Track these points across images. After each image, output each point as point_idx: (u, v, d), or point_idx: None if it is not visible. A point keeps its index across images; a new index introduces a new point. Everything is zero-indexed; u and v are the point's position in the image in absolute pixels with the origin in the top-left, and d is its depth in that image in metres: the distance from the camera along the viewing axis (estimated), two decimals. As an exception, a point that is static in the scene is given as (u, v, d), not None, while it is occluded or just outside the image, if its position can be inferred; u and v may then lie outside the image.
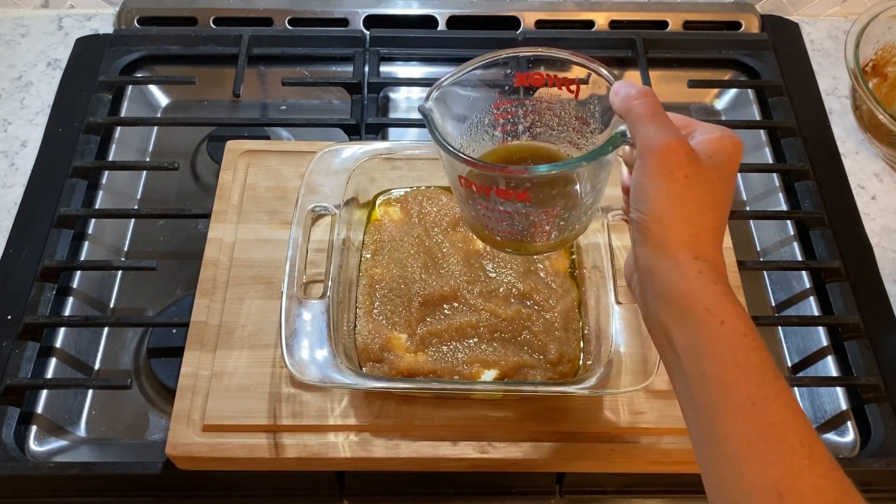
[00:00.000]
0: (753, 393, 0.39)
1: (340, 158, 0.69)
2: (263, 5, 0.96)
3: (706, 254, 0.43)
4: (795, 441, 0.38)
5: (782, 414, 0.38)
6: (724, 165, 0.44)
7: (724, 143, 0.45)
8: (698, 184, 0.43)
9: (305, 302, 0.61)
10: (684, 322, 0.42)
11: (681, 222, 0.43)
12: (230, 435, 0.61)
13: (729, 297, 0.42)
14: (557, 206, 0.50)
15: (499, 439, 0.62)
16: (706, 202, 0.43)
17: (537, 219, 0.51)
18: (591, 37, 0.96)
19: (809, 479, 0.37)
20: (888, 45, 0.89)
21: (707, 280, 0.42)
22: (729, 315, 0.41)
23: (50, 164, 0.82)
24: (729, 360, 0.40)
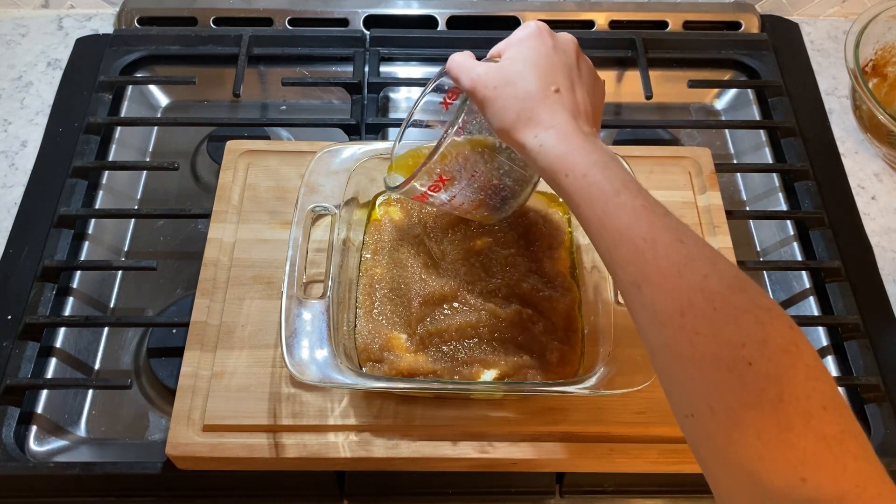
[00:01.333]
0: (601, 217, 0.46)
1: (340, 158, 0.69)
2: (263, 5, 0.96)
3: (541, 125, 0.50)
4: (639, 240, 0.44)
5: (625, 222, 0.45)
6: (522, 51, 0.52)
7: (514, 38, 0.54)
8: (506, 83, 0.51)
9: (305, 302, 0.61)
10: (550, 183, 0.51)
11: (511, 115, 0.51)
12: (230, 435, 0.61)
13: (569, 150, 0.48)
14: (478, 169, 0.58)
15: (499, 439, 0.62)
16: (521, 88, 0.51)
17: (477, 182, 0.59)
18: (591, 37, 0.96)
19: (655, 265, 0.43)
20: (888, 45, 0.89)
21: (548, 147, 0.49)
22: (569, 166, 0.48)
23: (50, 164, 0.82)
24: (577, 199, 0.48)
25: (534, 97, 0.50)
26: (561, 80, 0.51)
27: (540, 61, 0.52)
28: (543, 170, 0.50)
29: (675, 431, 0.61)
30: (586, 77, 0.54)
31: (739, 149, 0.93)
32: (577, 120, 0.50)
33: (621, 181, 0.47)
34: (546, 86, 0.51)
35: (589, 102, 0.53)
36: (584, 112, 0.52)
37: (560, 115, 0.50)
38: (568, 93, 0.51)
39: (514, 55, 0.52)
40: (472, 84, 0.53)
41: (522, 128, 0.50)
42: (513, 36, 0.54)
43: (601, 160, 0.48)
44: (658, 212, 0.45)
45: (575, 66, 0.53)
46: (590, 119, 0.52)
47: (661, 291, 0.43)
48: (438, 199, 0.60)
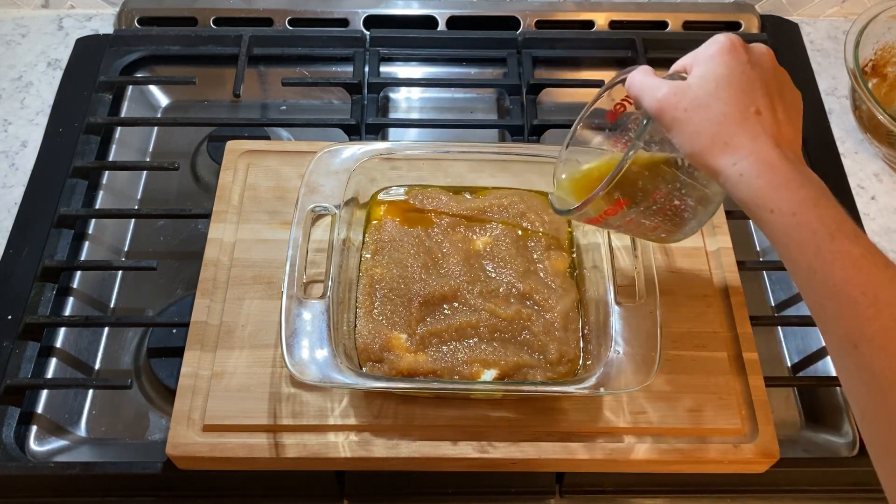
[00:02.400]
0: (812, 263, 0.43)
1: (340, 158, 0.69)
2: (263, 5, 0.96)
3: (740, 153, 0.46)
4: (857, 294, 0.41)
5: (841, 274, 0.42)
6: (714, 69, 0.48)
7: (702, 53, 0.49)
8: (698, 106, 0.47)
9: (305, 302, 0.61)
10: (750, 215, 0.47)
11: (705, 140, 0.47)
12: (230, 435, 0.61)
13: (774, 182, 0.45)
14: (659, 190, 0.54)
15: (499, 439, 0.62)
16: (716, 111, 0.47)
17: (657, 204, 0.55)
18: (591, 37, 0.96)
19: (876, 324, 0.40)
20: (888, 45, 0.89)
21: (749, 177, 0.45)
22: (775, 202, 0.44)
23: (50, 164, 0.82)
24: (785, 241, 0.44)
25: (731, 120, 0.46)
26: (760, 99, 0.47)
27: (735, 79, 0.47)
28: (743, 201, 0.46)
29: (675, 431, 0.62)
30: (786, 93, 0.49)
31: (739, 149, 0.93)
32: (781, 144, 0.46)
33: (836, 223, 0.43)
34: (744, 107, 0.46)
35: (790, 121, 0.48)
36: (785, 134, 0.47)
37: (762, 140, 0.46)
38: (769, 114, 0.47)
39: (705, 73, 0.48)
40: (659, 106, 0.48)
41: (718, 153, 0.46)
42: (701, 51, 0.50)
43: (811, 196, 0.44)
44: (879, 262, 0.42)
45: (773, 81, 0.49)
46: (793, 142, 0.48)
47: (884, 354, 0.39)
48: (614, 222, 0.57)
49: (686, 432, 0.62)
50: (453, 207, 0.71)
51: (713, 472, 0.63)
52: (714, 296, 0.69)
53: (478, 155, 0.71)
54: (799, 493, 0.67)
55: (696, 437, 0.62)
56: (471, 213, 0.71)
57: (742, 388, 0.64)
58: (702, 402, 0.63)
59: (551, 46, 0.94)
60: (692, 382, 0.64)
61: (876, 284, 0.41)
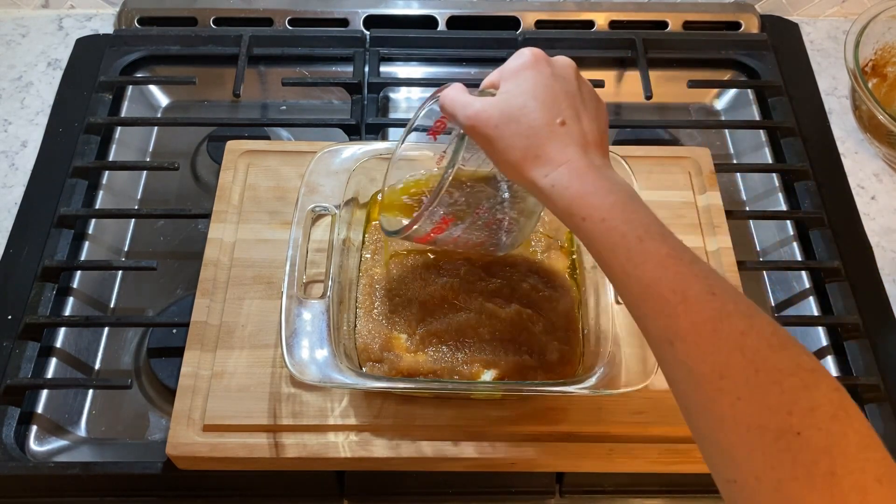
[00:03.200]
0: (624, 265, 0.44)
1: (340, 158, 0.69)
2: (263, 5, 0.96)
3: (551, 164, 0.47)
4: (668, 292, 0.42)
5: (651, 274, 0.43)
6: (519, 84, 0.49)
7: (507, 69, 0.51)
8: (508, 121, 0.48)
9: (305, 302, 0.61)
10: (566, 224, 0.48)
11: (517, 153, 0.48)
12: (230, 435, 0.61)
13: (583, 191, 0.46)
14: (481, 205, 0.55)
15: (499, 439, 0.62)
16: (525, 124, 0.48)
17: (481, 220, 0.56)
18: (591, 37, 0.96)
19: (687, 320, 0.41)
20: (888, 45, 0.89)
21: (560, 188, 0.47)
22: (586, 209, 0.46)
23: (50, 164, 0.82)
24: (598, 246, 0.45)
25: (539, 133, 0.47)
26: (565, 110, 0.48)
27: (540, 93, 0.49)
28: (558, 211, 0.47)
29: (675, 431, 0.62)
30: (589, 102, 0.51)
31: (739, 149, 0.93)
32: (588, 152, 0.48)
33: (644, 225, 0.45)
34: (551, 119, 0.48)
35: (595, 129, 0.50)
36: (592, 141, 0.49)
37: (569, 149, 0.47)
38: (574, 123, 0.48)
39: (512, 88, 0.49)
40: (471, 122, 0.49)
41: (531, 166, 0.47)
42: (507, 66, 0.51)
43: (620, 200, 0.45)
44: (686, 259, 0.43)
45: (577, 92, 0.50)
46: (599, 147, 0.49)
47: (697, 350, 0.40)
48: (441, 240, 0.58)
49: (686, 432, 0.61)
50: (453, 207, 0.71)
51: (713, 472, 0.63)
52: (714, 296, 0.69)
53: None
54: (799, 493, 0.67)
55: (696, 437, 0.62)
56: (471, 213, 0.71)
57: (742, 388, 0.64)
58: (702, 402, 0.63)
59: (551, 46, 0.94)
60: (692, 382, 0.64)
61: (684, 282, 0.42)
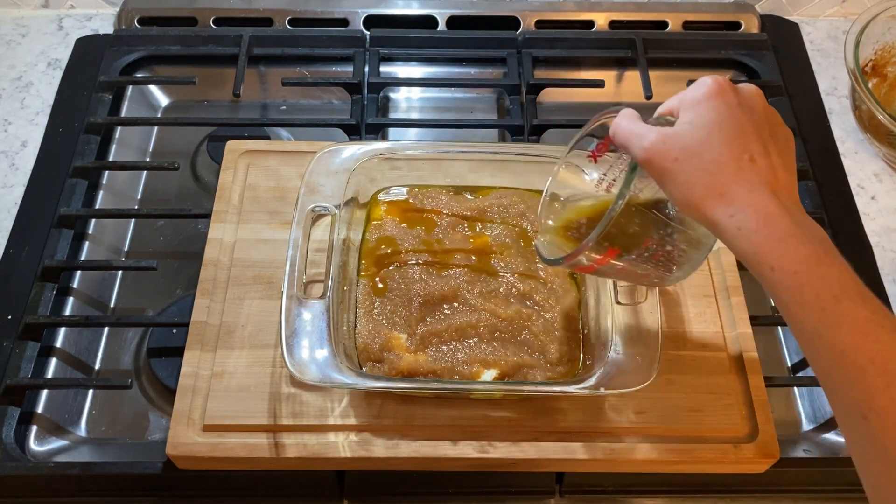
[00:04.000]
0: (817, 326, 0.41)
1: (340, 158, 0.69)
2: (263, 5, 0.96)
3: (737, 204, 0.44)
4: (866, 362, 0.39)
5: (848, 340, 0.40)
6: (703, 115, 0.46)
7: (689, 97, 0.47)
8: (689, 155, 0.45)
9: (305, 302, 0.61)
10: (750, 269, 0.45)
11: (698, 190, 0.45)
12: (230, 435, 0.61)
13: (774, 237, 0.43)
14: (650, 237, 0.52)
15: (499, 439, 0.62)
16: (709, 159, 0.44)
17: (649, 251, 0.53)
18: (591, 37, 0.96)
19: (887, 395, 0.38)
20: (888, 45, 0.89)
21: (747, 231, 0.43)
22: (776, 259, 0.42)
23: (50, 164, 0.82)
24: (787, 300, 0.42)
25: (725, 169, 0.44)
26: (753, 144, 0.45)
27: (725, 125, 0.45)
28: (742, 255, 0.44)
29: (675, 431, 0.62)
30: (779, 134, 0.47)
31: (739, 149, 0.93)
32: (778, 194, 0.44)
33: (840, 282, 0.41)
34: (738, 154, 0.44)
35: (787, 165, 0.46)
36: (782, 180, 0.45)
37: (758, 189, 0.44)
38: (763, 159, 0.45)
39: (694, 119, 0.46)
40: (647, 156, 0.46)
41: (713, 204, 0.44)
42: (687, 94, 0.47)
43: (814, 253, 0.42)
44: (888, 325, 0.40)
45: (765, 123, 0.46)
46: (790, 187, 0.46)
47: (894, 428, 0.38)
48: (606, 270, 0.55)
49: (686, 432, 0.62)
50: (453, 207, 0.71)
51: (713, 472, 0.63)
52: (714, 296, 0.69)
53: (478, 155, 0.71)
54: (799, 493, 0.67)
55: (696, 437, 0.62)
56: (471, 212, 0.71)
57: (742, 388, 0.64)
58: (702, 402, 0.63)
59: (551, 46, 0.94)
60: (692, 382, 0.64)
61: (885, 352, 0.39)
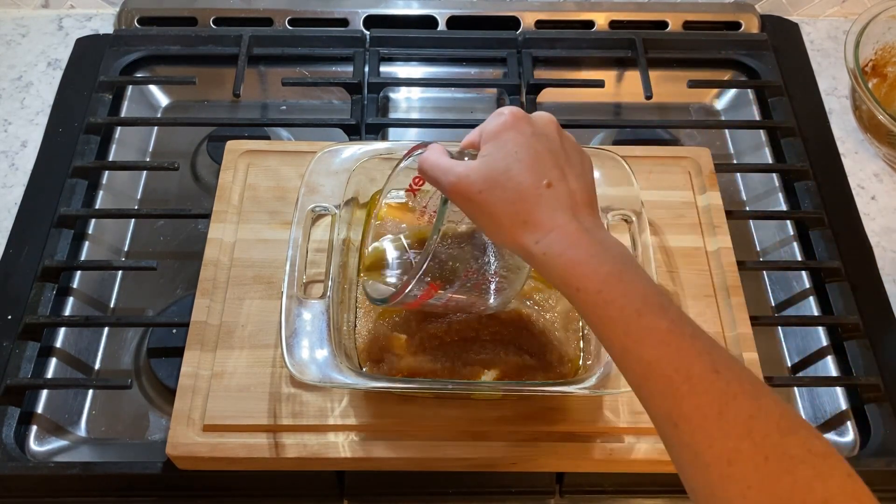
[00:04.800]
0: (624, 342, 0.42)
1: (340, 158, 0.69)
2: (263, 5, 0.96)
3: (541, 230, 0.45)
4: (670, 372, 0.40)
5: (652, 352, 0.41)
6: (501, 146, 0.47)
7: (487, 130, 0.49)
8: (492, 186, 0.46)
9: (305, 302, 0.61)
10: (561, 292, 0.46)
11: (504, 219, 0.46)
12: (230, 435, 0.61)
13: (576, 259, 0.44)
14: (469, 268, 0.54)
15: (499, 439, 0.62)
16: (510, 189, 0.46)
17: (470, 281, 0.54)
18: (591, 37, 0.96)
19: (691, 401, 0.40)
20: (888, 45, 0.89)
21: (552, 255, 0.45)
22: (580, 279, 0.44)
23: (50, 164, 0.82)
24: (595, 319, 0.44)
25: (526, 197, 0.46)
26: (550, 170, 0.47)
27: (523, 154, 0.47)
28: (552, 280, 0.45)
29: (675, 431, 0.62)
30: (574, 157, 0.49)
31: (739, 149, 0.93)
32: (578, 214, 0.46)
33: (641, 296, 0.43)
34: (537, 181, 0.46)
35: (583, 186, 0.48)
36: (581, 201, 0.47)
37: (558, 214, 0.45)
38: (561, 183, 0.46)
39: (494, 151, 0.47)
40: (454, 188, 0.48)
41: (520, 233, 0.46)
42: (486, 126, 0.49)
43: (615, 269, 0.44)
44: (687, 332, 0.42)
45: (560, 149, 0.48)
46: (588, 206, 0.48)
47: (703, 433, 0.39)
48: (430, 305, 0.56)
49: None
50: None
51: (713, 472, 0.63)
52: (714, 296, 0.69)
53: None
54: (799, 493, 0.67)
55: (696, 437, 0.62)
56: (471, 213, 0.71)
57: (742, 388, 0.64)
58: (702, 402, 0.63)
59: (551, 46, 0.94)
60: (692, 382, 0.64)
61: (686, 360, 0.40)
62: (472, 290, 0.55)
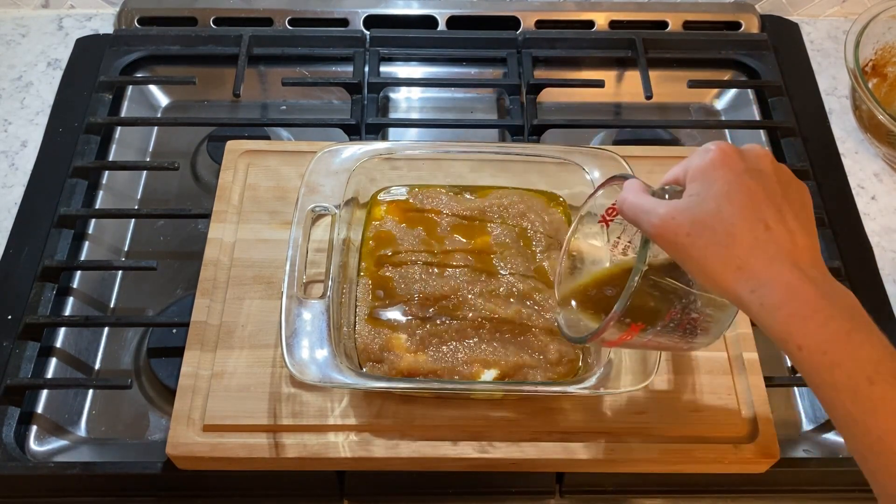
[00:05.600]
0: (850, 410, 0.39)
1: (340, 158, 0.69)
2: (263, 5, 0.96)
3: (757, 278, 0.42)
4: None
5: (885, 426, 0.38)
6: (710, 185, 0.44)
7: (694, 167, 0.45)
8: (701, 228, 0.43)
9: (305, 302, 0.61)
10: (778, 346, 0.42)
11: (715, 264, 0.43)
12: (230, 435, 0.61)
13: (799, 314, 0.40)
14: (673, 308, 0.50)
15: (499, 439, 0.62)
16: (722, 232, 0.42)
17: (674, 321, 0.50)
18: (591, 37, 0.96)
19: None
20: (888, 45, 0.89)
21: (771, 308, 0.41)
22: (803, 338, 0.40)
23: (50, 164, 0.82)
24: (818, 381, 0.40)
25: (740, 242, 0.42)
26: (766, 210, 0.42)
27: (735, 194, 0.43)
28: (769, 333, 0.42)
29: (675, 431, 0.62)
30: (792, 195, 0.44)
31: (739, 149, 0.93)
32: (800, 262, 0.42)
33: (873, 361, 0.39)
34: (752, 224, 0.42)
35: (804, 228, 0.43)
36: (802, 246, 0.43)
37: (778, 261, 0.41)
38: (779, 226, 0.42)
39: (702, 190, 0.44)
40: (657, 232, 0.45)
41: (733, 280, 0.42)
42: (692, 163, 0.45)
43: (843, 329, 0.40)
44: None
45: (776, 186, 0.44)
46: (811, 250, 0.43)
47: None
48: (633, 343, 0.52)
49: (686, 432, 0.62)
50: (453, 207, 0.71)
51: (713, 472, 0.63)
52: (714, 296, 0.69)
53: (478, 155, 0.71)
54: (799, 493, 0.67)
55: (696, 437, 0.62)
56: (471, 212, 0.71)
57: (742, 388, 0.64)
58: (702, 402, 0.63)
59: (551, 46, 0.94)
60: (692, 382, 0.64)
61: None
62: (676, 331, 0.51)
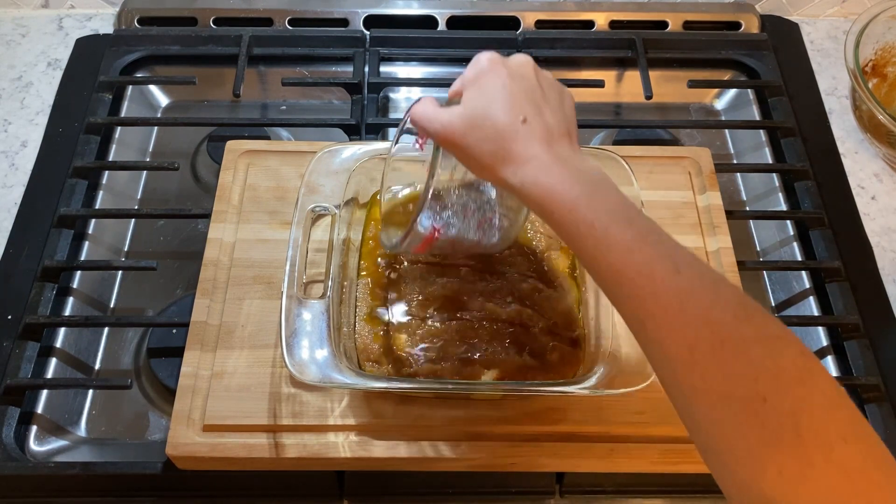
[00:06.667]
0: (593, 253, 0.45)
1: (340, 158, 0.69)
2: (263, 5, 0.96)
3: (516, 162, 0.48)
4: (634, 275, 0.43)
5: (619, 260, 0.44)
6: (479, 90, 0.50)
7: (467, 77, 0.51)
8: (473, 128, 0.49)
9: (305, 302, 0.61)
10: (541, 218, 0.49)
11: (486, 158, 0.49)
12: (230, 435, 0.61)
13: (549, 184, 0.46)
14: (469, 208, 0.56)
15: (499, 439, 0.62)
16: (489, 128, 0.48)
17: (473, 221, 0.57)
18: (591, 37, 0.96)
19: (655, 300, 0.42)
20: (888, 45, 0.89)
21: (529, 185, 0.47)
22: (554, 203, 0.46)
23: (50, 164, 0.82)
24: (568, 237, 0.47)
25: (503, 134, 0.48)
26: (526, 107, 0.49)
27: (499, 95, 0.49)
28: (532, 208, 0.48)
29: (675, 431, 0.62)
30: (551, 94, 0.51)
31: (739, 149, 0.93)
32: (553, 146, 0.48)
33: (608, 212, 0.45)
34: (513, 119, 0.48)
35: (560, 120, 0.50)
36: (557, 133, 0.49)
37: (533, 146, 0.48)
38: (536, 118, 0.49)
39: (473, 95, 0.50)
40: (441, 134, 0.51)
41: (501, 168, 0.48)
42: (466, 74, 0.52)
43: (585, 191, 0.46)
44: (650, 240, 0.44)
45: (537, 87, 0.51)
46: (566, 137, 0.50)
47: (666, 327, 0.42)
48: (439, 247, 0.59)
49: (686, 432, 0.62)
50: (453, 207, 0.71)
51: (713, 472, 0.63)
52: (714, 296, 0.69)
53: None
54: (799, 493, 0.67)
55: (696, 437, 0.62)
56: (471, 213, 0.71)
57: (742, 388, 0.64)
58: (702, 402, 0.63)
59: (551, 46, 0.94)
60: (692, 382, 0.64)
61: (650, 264, 0.43)
62: (477, 230, 0.58)
